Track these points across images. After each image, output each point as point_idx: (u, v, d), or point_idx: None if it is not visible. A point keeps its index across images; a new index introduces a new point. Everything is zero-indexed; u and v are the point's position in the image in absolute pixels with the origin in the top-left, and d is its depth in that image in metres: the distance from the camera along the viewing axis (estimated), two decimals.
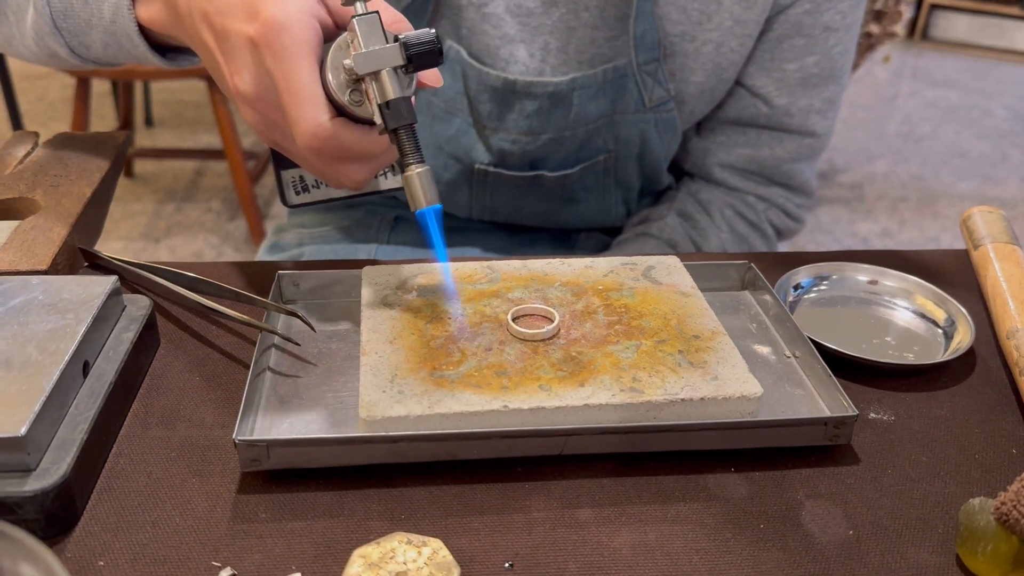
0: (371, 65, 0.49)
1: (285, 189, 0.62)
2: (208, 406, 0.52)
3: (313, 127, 0.49)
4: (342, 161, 0.53)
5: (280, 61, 0.49)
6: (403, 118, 0.49)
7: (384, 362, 0.50)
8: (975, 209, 0.72)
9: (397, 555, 0.40)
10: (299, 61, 0.49)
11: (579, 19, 0.78)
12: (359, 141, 0.51)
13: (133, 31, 0.61)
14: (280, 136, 0.54)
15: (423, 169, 0.50)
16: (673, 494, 0.47)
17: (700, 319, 0.56)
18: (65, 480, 0.43)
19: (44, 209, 0.64)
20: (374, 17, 0.49)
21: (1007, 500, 0.41)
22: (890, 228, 2.65)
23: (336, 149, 0.51)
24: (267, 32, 0.49)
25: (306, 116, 0.49)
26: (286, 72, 0.49)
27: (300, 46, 0.49)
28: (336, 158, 0.52)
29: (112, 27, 0.62)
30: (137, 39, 0.61)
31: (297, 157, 0.55)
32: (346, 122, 0.51)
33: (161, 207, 2.62)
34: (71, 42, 0.65)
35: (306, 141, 0.50)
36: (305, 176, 0.62)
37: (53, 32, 0.64)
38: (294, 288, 0.61)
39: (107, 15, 0.62)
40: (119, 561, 0.42)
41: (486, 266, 0.60)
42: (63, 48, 0.66)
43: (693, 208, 0.88)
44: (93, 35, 0.64)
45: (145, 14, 0.60)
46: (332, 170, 0.54)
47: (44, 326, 0.49)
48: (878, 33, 2.47)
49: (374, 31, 0.49)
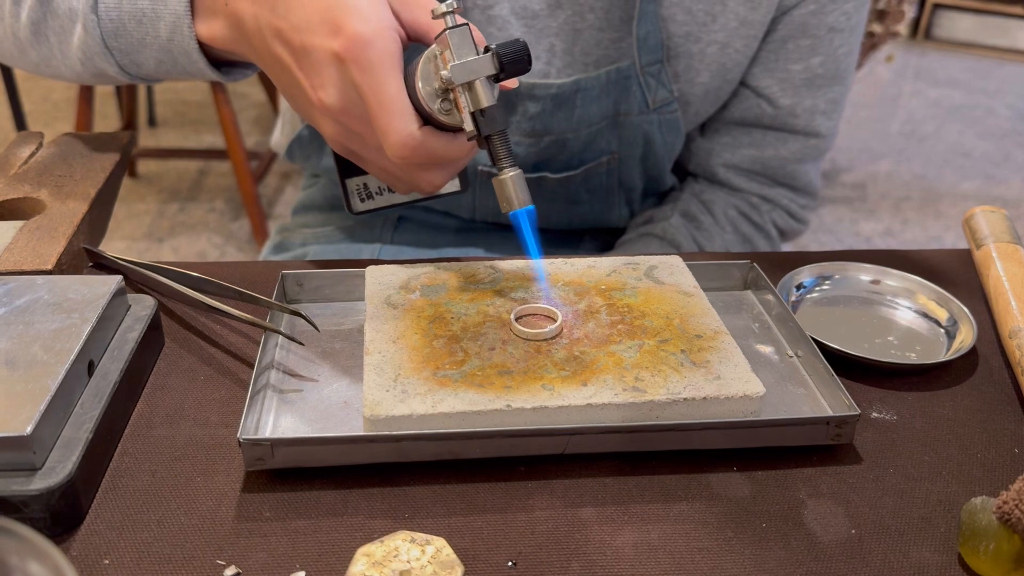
0: (467, 75, 0.51)
1: (351, 197, 0.66)
2: (212, 405, 0.52)
3: (404, 137, 0.52)
4: (426, 168, 0.56)
5: (368, 75, 0.51)
6: (497, 124, 0.52)
7: (387, 361, 0.51)
8: (977, 209, 0.72)
9: (401, 553, 0.41)
10: (387, 74, 0.51)
11: (584, 21, 0.78)
12: (446, 148, 0.54)
13: (193, 48, 0.61)
14: (360, 146, 0.56)
15: (516, 172, 0.53)
16: (675, 493, 0.47)
17: (702, 319, 0.56)
18: (70, 479, 0.43)
19: (49, 209, 0.65)
20: (465, 29, 0.51)
21: (1009, 499, 0.41)
22: (893, 228, 2.65)
23: (424, 156, 0.53)
24: (353, 47, 0.51)
25: (397, 127, 0.51)
26: (375, 86, 0.51)
27: (387, 60, 0.51)
28: (420, 165, 0.55)
29: (169, 45, 0.62)
30: (196, 56, 0.62)
31: (372, 166, 0.58)
32: (434, 130, 0.53)
33: (165, 207, 2.62)
34: (122, 61, 0.65)
35: (397, 151, 0.52)
36: (369, 183, 0.65)
37: (103, 52, 0.64)
38: (298, 288, 0.61)
39: (164, 33, 0.62)
40: (124, 560, 0.42)
41: (489, 266, 0.61)
42: (113, 67, 0.66)
43: (697, 209, 0.88)
44: (146, 53, 0.64)
45: (206, 31, 0.60)
46: (413, 177, 0.56)
47: (49, 326, 0.49)
48: (881, 32, 2.47)
49: (466, 42, 0.51)
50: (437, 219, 0.92)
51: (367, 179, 0.65)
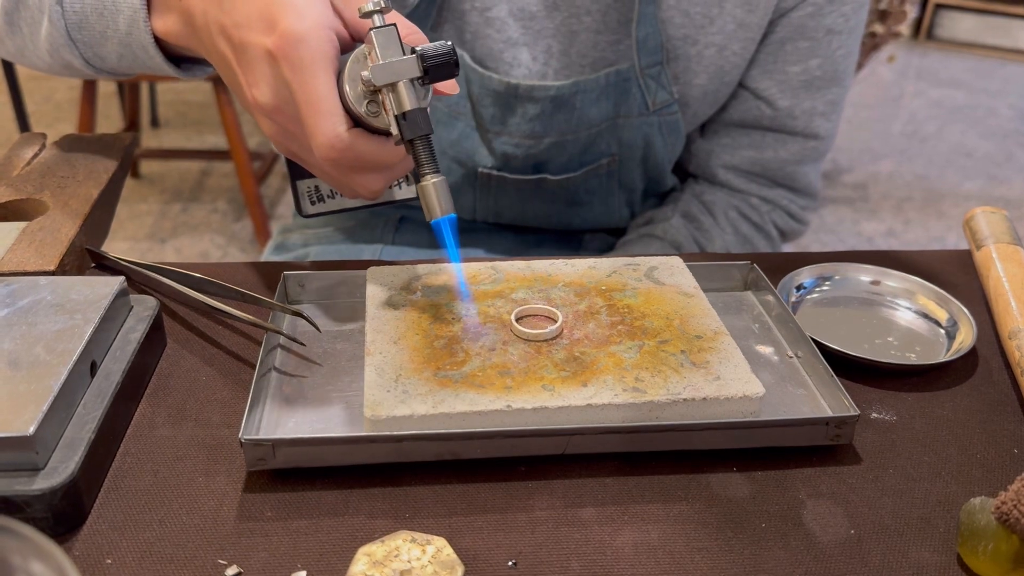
0: (388, 77, 0.50)
1: (300, 199, 0.63)
2: (214, 406, 0.53)
3: (331, 138, 0.50)
4: (359, 171, 0.54)
5: (298, 73, 0.50)
6: (420, 129, 0.50)
7: (388, 362, 0.51)
8: (978, 209, 0.72)
9: (402, 553, 0.41)
10: (317, 73, 0.50)
11: (581, 23, 0.78)
12: (376, 151, 0.52)
13: (149, 43, 0.61)
14: (297, 147, 0.55)
15: (438, 179, 0.51)
16: (675, 493, 0.48)
17: (702, 319, 0.56)
18: (73, 479, 0.43)
19: (52, 210, 0.65)
20: (391, 30, 0.50)
21: (1007, 500, 0.42)
22: (895, 228, 2.65)
23: (353, 159, 0.52)
24: (285, 45, 0.50)
25: (324, 127, 0.50)
26: (304, 84, 0.50)
27: (318, 59, 0.50)
28: (353, 168, 0.53)
29: (127, 39, 0.62)
30: (152, 50, 0.62)
31: (313, 167, 0.56)
32: (363, 133, 0.52)
33: (167, 208, 2.63)
34: (86, 53, 0.66)
35: (324, 152, 0.51)
36: (320, 186, 0.63)
37: (68, 44, 0.65)
38: (299, 289, 0.62)
39: (122, 27, 0.62)
40: (126, 559, 0.42)
41: (490, 267, 0.61)
42: (78, 59, 0.66)
43: (697, 210, 0.88)
44: (108, 46, 0.64)
45: (161, 26, 0.60)
46: (348, 180, 0.55)
47: (52, 326, 0.50)
48: (883, 33, 2.47)
49: (391, 43, 0.50)
50: None
51: (318, 182, 0.63)
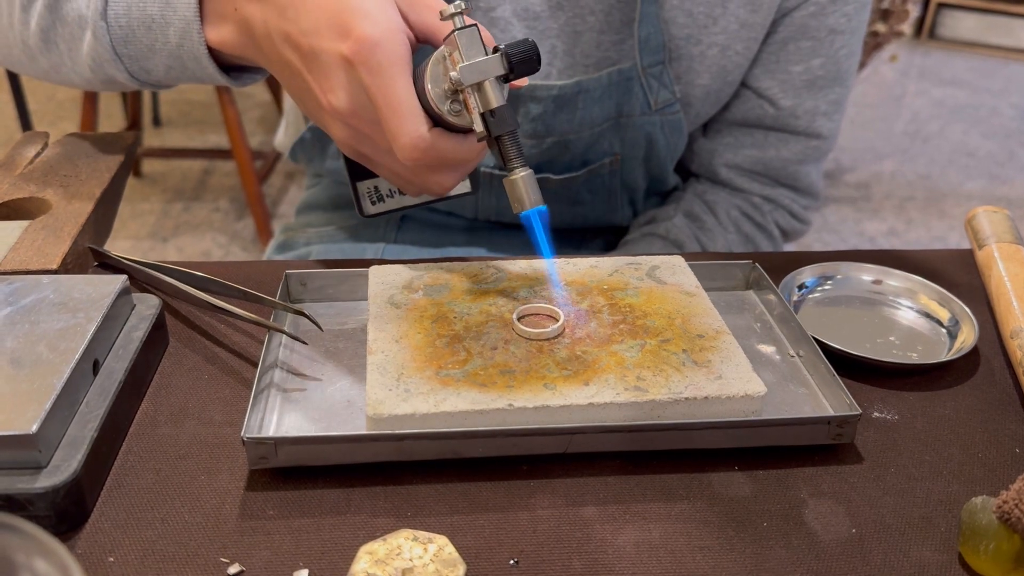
0: (476, 76, 0.51)
1: (361, 200, 0.66)
2: (216, 404, 0.53)
3: (414, 139, 0.52)
4: (436, 170, 0.56)
5: (377, 77, 0.51)
6: (508, 125, 0.52)
7: (390, 361, 0.51)
8: (980, 209, 0.72)
9: (403, 552, 0.41)
10: (396, 77, 0.51)
11: (585, 23, 0.78)
12: (456, 149, 0.54)
13: (203, 54, 0.61)
14: (370, 149, 0.56)
15: (527, 172, 0.53)
16: (677, 492, 0.48)
17: (704, 318, 0.56)
18: (75, 477, 0.43)
19: (54, 209, 0.65)
20: (473, 30, 0.51)
21: (1009, 499, 0.42)
22: (897, 227, 2.65)
23: (434, 158, 0.53)
24: (362, 50, 0.51)
25: (407, 129, 0.51)
26: (384, 88, 0.51)
27: (395, 62, 0.51)
28: (430, 167, 0.55)
29: (179, 51, 0.62)
30: (206, 62, 0.62)
31: (383, 168, 0.58)
32: (444, 132, 0.53)
33: (169, 206, 2.63)
34: (131, 67, 0.65)
35: (407, 153, 0.52)
36: (380, 186, 0.65)
37: (113, 59, 0.64)
38: (301, 287, 0.62)
39: (173, 40, 0.62)
40: (128, 557, 0.43)
41: (492, 265, 0.61)
42: (122, 73, 0.66)
43: (700, 209, 0.88)
44: (156, 59, 0.64)
45: (215, 37, 0.60)
46: (423, 179, 0.56)
47: (55, 325, 0.50)
48: (885, 32, 2.47)
49: (475, 43, 0.51)
50: (441, 219, 0.92)
51: (378, 182, 0.65)
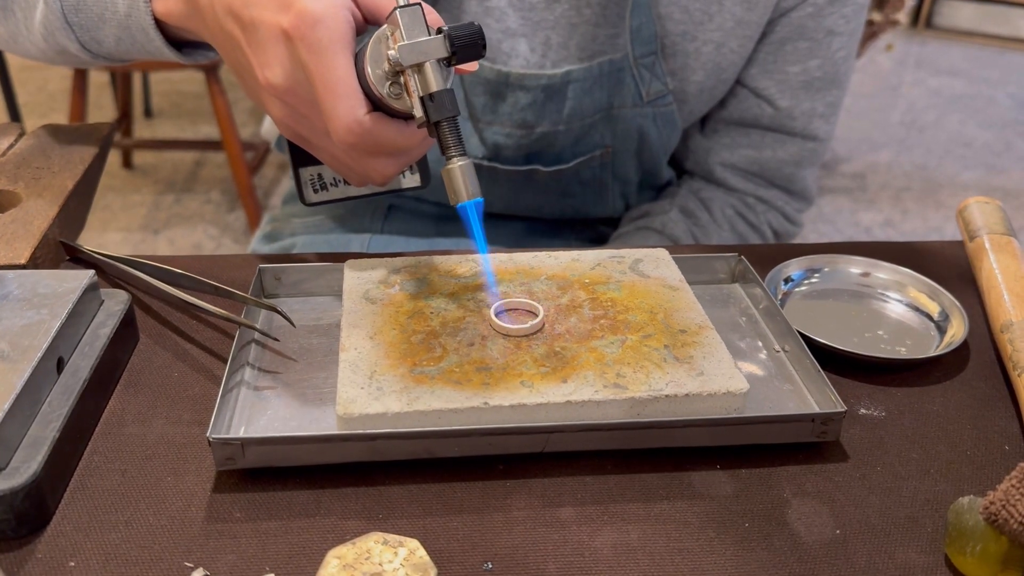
0: (416, 56, 0.48)
1: (303, 187, 0.63)
2: (185, 403, 0.51)
3: (349, 121, 0.49)
4: (374, 156, 0.53)
5: (315, 54, 0.48)
6: (447, 110, 0.49)
7: (363, 358, 0.50)
8: (972, 200, 0.71)
9: (373, 556, 0.40)
10: (335, 54, 0.48)
11: (581, 16, 0.77)
12: (395, 135, 0.51)
13: (149, 25, 0.60)
14: (308, 130, 0.54)
15: (465, 162, 0.50)
16: (656, 492, 0.46)
17: (687, 313, 0.55)
18: (35, 479, 0.42)
19: (24, 202, 0.64)
20: (417, 9, 0.49)
21: (996, 500, 0.40)
22: (893, 218, 2.64)
23: (372, 144, 0.51)
24: (302, 24, 0.48)
25: (343, 110, 0.49)
26: (322, 65, 0.48)
27: (336, 39, 0.48)
28: (369, 153, 0.52)
29: (127, 21, 0.61)
30: (153, 33, 0.60)
31: (323, 152, 0.55)
32: (383, 116, 0.51)
33: (160, 198, 2.61)
34: (82, 37, 0.64)
35: (341, 136, 0.50)
36: (324, 174, 0.62)
37: (64, 27, 0.63)
38: (276, 282, 0.60)
39: (122, 9, 0.60)
40: (90, 562, 0.41)
41: (470, 259, 0.59)
42: (73, 44, 0.65)
43: (695, 206, 0.87)
44: (106, 30, 0.63)
45: (162, 8, 0.59)
46: (362, 165, 0.53)
47: (17, 321, 0.48)
48: (880, 21, 2.45)
49: (417, 23, 0.49)
50: (428, 208, 0.91)
51: (321, 169, 0.62)
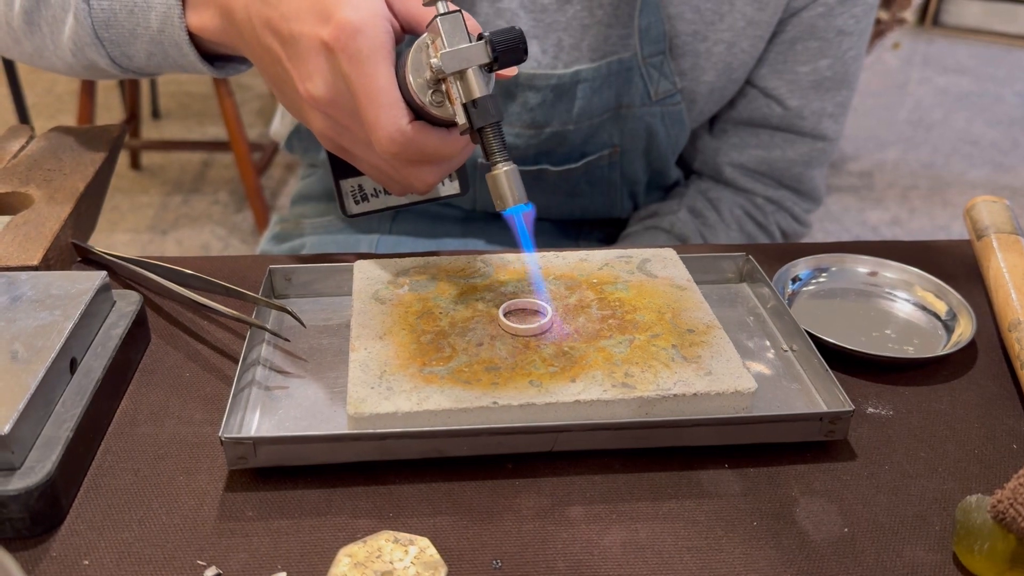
0: (458, 64, 0.48)
1: (344, 199, 0.63)
2: (197, 403, 0.52)
3: (392, 131, 0.49)
4: (416, 165, 0.53)
5: (357, 65, 0.49)
6: (490, 116, 0.49)
7: (373, 358, 0.50)
8: (979, 199, 0.71)
9: (384, 554, 0.40)
10: (376, 64, 0.49)
11: (593, 17, 0.77)
12: (438, 143, 0.51)
13: (184, 40, 0.60)
14: (350, 142, 0.54)
15: (510, 167, 0.50)
16: (665, 491, 0.47)
17: (695, 313, 0.55)
18: (50, 478, 0.42)
19: (37, 204, 0.64)
20: (457, 16, 0.49)
21: (1004, 498, 0.41)
22: (900, 216, 2.63)
23: (414, 153, 0.51)
24: (342, 36, 0.48)
25: (385, 120, 0.49)
26: (363, 76, 0.49)
27: (376, 50, 0.49)
28: (411, 162, 0.52)
29: (160, 36, 0.61)
30: (187, 48, 0.60)
31: (364, 163, 0.56)
32: (425, 125, 0.51)
33: (168, 199, 2.62)
34: (113, 52, 0.64)
35: (384, 146, 0.50)
36: (364, 185, 0.63)
37: (94, 43, 0.63)
38: (286, 283, 0.61)
39: (154, 24, 0.60)
40: (104, 560, 0.42)
41: (480, 260, 0.60)
42: (103, 59, 0.65)
43: (703, 205, 0.88)
44: (137, 45, 0.63)
45: (196, 22, 0.59)
46: (403, 175, 0.54)
47: (31, 323, 0.49)
48: (887, 19, 2.44)
49: (458, 30, 0.49)
50: (437, 209, 0.91)
51: (362, 180, 0.63)
